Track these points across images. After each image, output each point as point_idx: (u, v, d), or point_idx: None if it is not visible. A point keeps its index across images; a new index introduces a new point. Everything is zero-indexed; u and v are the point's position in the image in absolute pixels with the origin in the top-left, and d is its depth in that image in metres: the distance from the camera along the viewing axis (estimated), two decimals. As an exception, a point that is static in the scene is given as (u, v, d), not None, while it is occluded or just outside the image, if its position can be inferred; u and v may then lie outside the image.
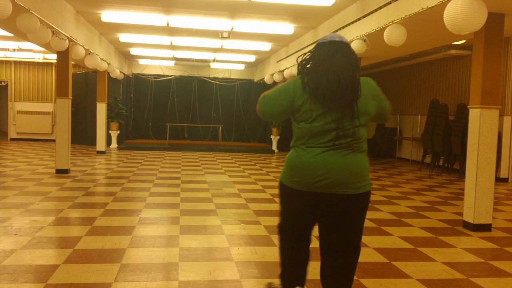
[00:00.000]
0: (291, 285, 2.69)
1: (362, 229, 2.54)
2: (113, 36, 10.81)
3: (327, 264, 2.55)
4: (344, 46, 2.50)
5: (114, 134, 13.87)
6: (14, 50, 13.12)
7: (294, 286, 2.69)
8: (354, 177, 2.40)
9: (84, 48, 8.52)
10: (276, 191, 6.97)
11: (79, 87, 14.11)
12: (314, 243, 2.68)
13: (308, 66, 2.51)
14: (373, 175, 9.26)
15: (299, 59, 2.57)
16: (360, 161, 2.44)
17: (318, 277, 3.34)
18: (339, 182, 2.38)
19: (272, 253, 3.77)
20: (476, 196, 4.89)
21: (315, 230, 2.60)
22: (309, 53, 2.56)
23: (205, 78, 16.09)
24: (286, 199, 2.58)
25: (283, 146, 14.58)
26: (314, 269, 3.51)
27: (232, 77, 16.27)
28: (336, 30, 7.84)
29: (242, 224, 4.86)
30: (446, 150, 9.59)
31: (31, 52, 13.49)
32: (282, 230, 2.68)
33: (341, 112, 2.39)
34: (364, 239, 4.43)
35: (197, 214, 5.29)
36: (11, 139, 15.61)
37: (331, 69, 2.41)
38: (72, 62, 9.41)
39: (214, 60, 14.51)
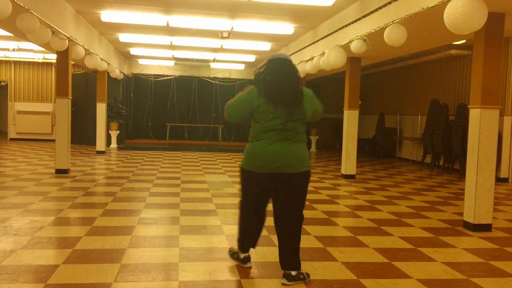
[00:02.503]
0: (248, 248, 3.50)
1: (304, 198, 3.34)
2: (113, 36, 10.81)
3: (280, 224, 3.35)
4: (288, 62, 3.31)
5: (114, 134, 13.87)
6: (14, 50, 13.10)
7: (249, 249, 3.51)
8: (296, 160, 3.21)
9: (84, 48, 8.52)
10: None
11: (79, 87, 14.09)
12: (314, 244, 2.66)
13: (262, 77, 3.27)
14: (373, 175, 9.27)
15: (256, 71, 3.36)
16: (300, 148, 3.25)
17: (319, 277, 3.35)
18: (286, 164, 3.17)
19: (272, 253, 3.77)
20: (476, 196, 4.88)
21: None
22: (263, 67, 3.32)
23: (205, 78, 16.09)
24: (248, 181, 3.32)
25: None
26: (313, 269, 3.51)
27: (232, 77, 16.26)
28: (336, 30, 7.85)
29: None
30: (446, 150, 9.59)
31: (31, 52, 13.48)
32: (244, 206, 3.44)
33: (287, 112, 3.18)
34: (364, 239, 4.44)
35: (197, 214, 5.28)
36: (11, 139, 15.60)
37: (280, 79, 3.22)
38: (72, 62, 9.39)
39: (214, 60, 14.51)
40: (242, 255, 3.52)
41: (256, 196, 3.35)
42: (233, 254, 3.62)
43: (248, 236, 3.48)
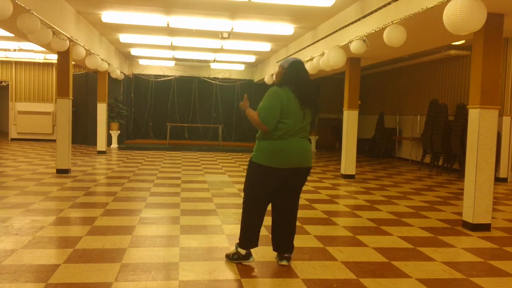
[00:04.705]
0: (249, 246, 3.57)
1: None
2: (113, 37, 10.82)
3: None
4: (304, 65, 3.62)
5: (115, 134, 13.89)
6: (15, 50, 13.12)
7: (254, 247, 3.60)
8: (310, 156, 3.56)
9: (85, 48, 8.53)
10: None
11: (80, 87, 14.12)
12: (314, 243, 2.67)
13: (287, 78, 3.49)
14: (372, 175, 9.28)
15: (281, 72, 3.55)
16: (309, 145, 3.62)
17: (319, 276, 3.37)
18: (305, 159, 3.50)
19: (272, 253, 3.78)
20: (476, 196, 4.90)
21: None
22: (285, 70, 3.53)
23: (205, 78, 16.10)
24: (266, 177, 3.47)
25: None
26: (313, 269, 3.53)
27: (232, 77, 16.28)
28: (336, 31, 7.86)
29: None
30: (445, 150, 9.60)
31: (32, 52, 13.50)
32: (255, 201, 3.57)
33: (310, 112, 3.48)
34: (364, 238, 4.45)
35: (197, 214, 5.30)
36: (12, 139, 15.62)
37: (304, 82, 3.50)
38: (73, 62, 9.42)
39: (214, 61, 14.52)
40: (243, 251, 3.56)
41: (271, 190, 3.53)
42: (233, 256, 3.63)
43: (253, 232, 3.58)
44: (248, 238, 3.58)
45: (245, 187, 3.65)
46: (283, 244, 3.62)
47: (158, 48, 12.37)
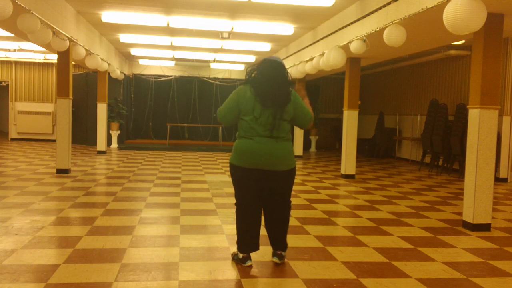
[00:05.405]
0: (246, 249, 3.52)
1: (290, 193, 3.62)
2: (113, 37, 10.83)
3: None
4: (279, 63, 3.50)
5: (115, 134, 13.89)
6: (15, 50, 13.12)
7: (251, 251, 3.53)
8: (281, 159, 3.41)
9: (85, 48, 8.53)
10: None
11: (80, 87, 14.12)
12: (314, 243, 2.67)
13: (253, 75, 3.48)
14: (372, 175, 9.28)
15: (248, 69, 3.55)
16: (285, 147, 3.44)
17: (319, 276, 3.37)
18: (273, 162, 3.38)
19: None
20: (476, 196, 4.90)
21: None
22: (255, 66, 3.53)
23: (205, 78, 16.10)
24: (238, 175, 3.51)
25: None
26: (313, 269, 3.53)
27: (232, 77, 16.28)
28: (336, 31, 7.87)
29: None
30: (445, 150, 9.60)
31: (32, 52, 13.50)
32: (238, 202, 3.56)
33: (274, 111, 3.36)
34: (364, 238, 4.45)
35: (197, 214, 5.30)
36: (12, 139, 15.63)
37: (270, 79, 3.41)
38: (73, 63, 9.42)
39: (214, 61, 14.52)
40: (240, 255, 3.56)
41: (247, 189, 3.49)
42: (233, 256, 3.68)
43: (246, 235, 3.54)
44: (242, 240, 3.54)
45: None
46: (275, 241, 3.64)
47: (158, 48, 12.36)
